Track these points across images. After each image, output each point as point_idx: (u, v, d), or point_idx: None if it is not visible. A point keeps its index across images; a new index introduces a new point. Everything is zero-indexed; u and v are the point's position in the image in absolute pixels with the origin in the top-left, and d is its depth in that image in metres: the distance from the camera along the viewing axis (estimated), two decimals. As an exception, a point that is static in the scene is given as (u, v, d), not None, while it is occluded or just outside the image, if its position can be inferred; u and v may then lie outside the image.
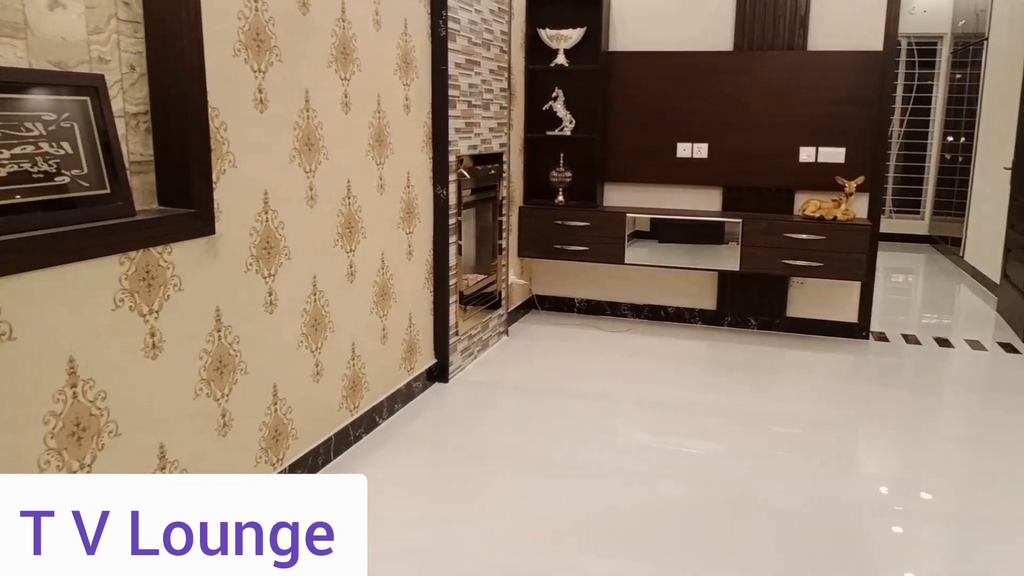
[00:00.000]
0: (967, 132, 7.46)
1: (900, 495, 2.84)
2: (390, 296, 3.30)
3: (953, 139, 7.95)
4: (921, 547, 2.50)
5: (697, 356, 4.47)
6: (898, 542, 2.50)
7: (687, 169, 4.83)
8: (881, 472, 3.11)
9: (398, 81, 3.25)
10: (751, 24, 4.60)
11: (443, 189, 3.63)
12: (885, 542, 2.48)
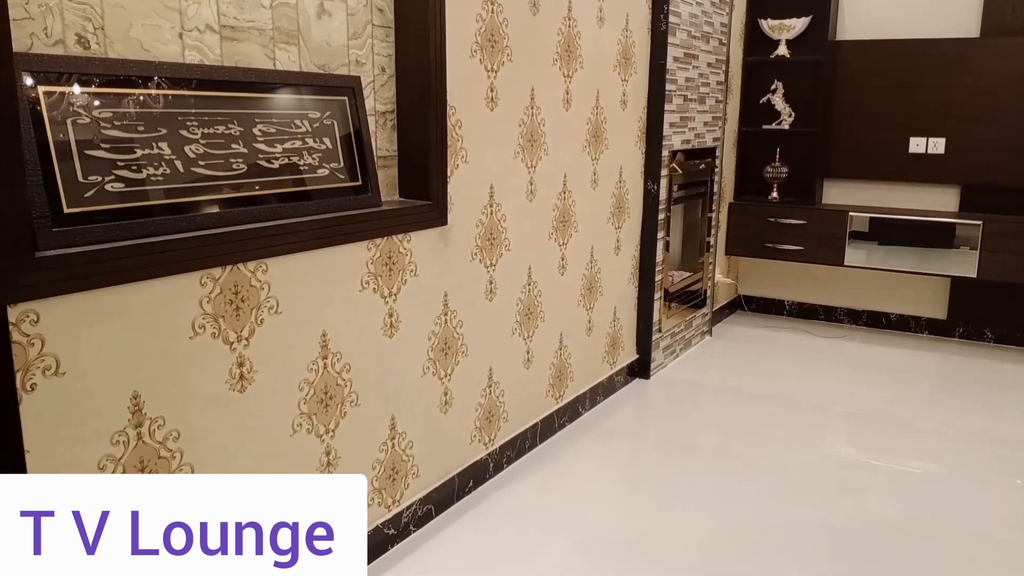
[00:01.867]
0: None
1: None
2: (597, 290, 3.35)
3: None
4: None
5: (921, 369, 4.13)
6: None
7: (920, 165, 4.46)
8: None
9: (617, 77, 3.28)
10: (1001, 8, 4.16)
11: (654, 184, 3.62)
12: None
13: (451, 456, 2.52)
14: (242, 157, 1.83)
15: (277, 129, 1.93)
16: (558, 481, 2.75)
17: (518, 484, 2.71)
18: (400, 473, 2.28)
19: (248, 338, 1.76)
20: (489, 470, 2.71)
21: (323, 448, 2.00)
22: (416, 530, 2.36)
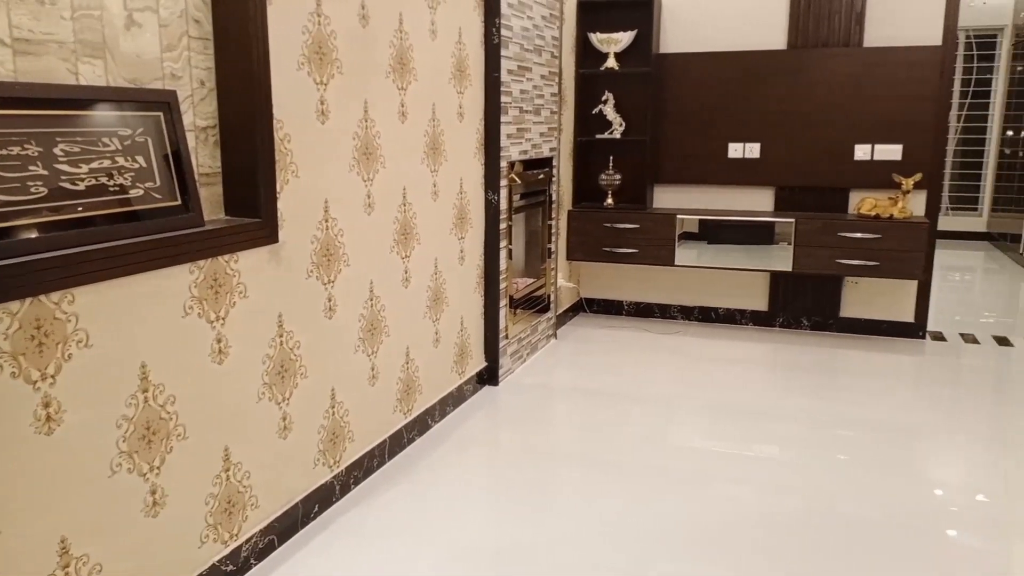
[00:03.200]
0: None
1: (966, 500, 2.79)
2: (443, 301, 3.35)
3: (1013, 133, 7.72)
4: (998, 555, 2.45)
5: (750, 358, 4.43)
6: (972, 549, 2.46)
7: (739, 169, 4.79)
8: (949, 477, 3.05)
9: (452, 89, 3.29)
10: (805, 21, 4.55)
11: (494, 195, 3.67)
12: (958, 549, 2.44)
13: (293, 482, 2.43)
14: (42, 179, 1.68)
15: (82, 148, 1.79)
16: (412, 496, 2.72)
17: (369, 504, 2.66)
18: (237, 505, 2.17)
19: (54, 376, 1.62)
20: (336, 493, 2.64)
21: (147, 487, 1.87)
22: (257, 563, 2.26)
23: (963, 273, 7.14)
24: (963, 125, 8.48)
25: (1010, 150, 7.80)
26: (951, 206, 8.62)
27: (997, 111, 8.25)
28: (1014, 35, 7.97)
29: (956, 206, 8.63)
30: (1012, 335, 4.79)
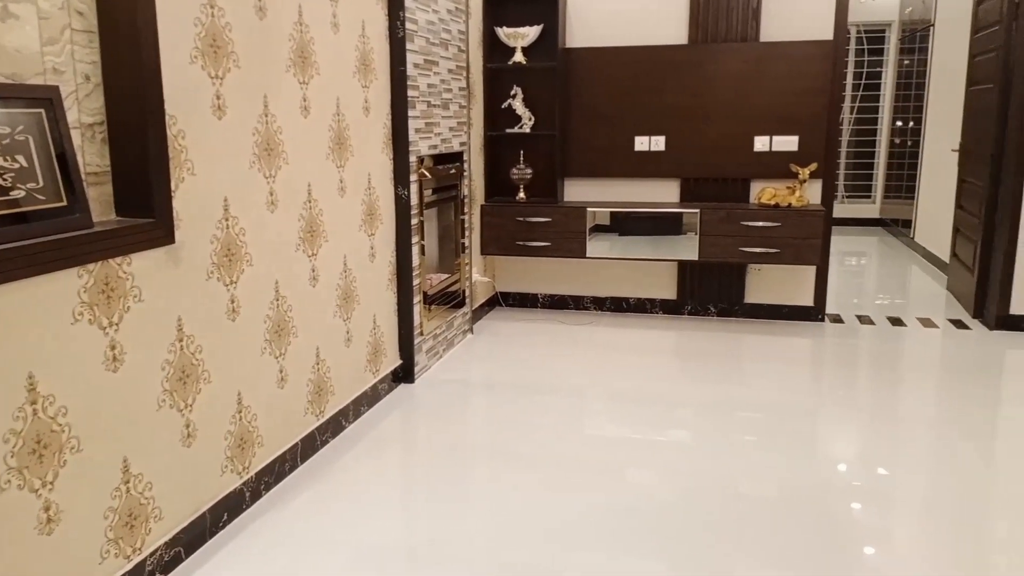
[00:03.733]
0: (915, 116, 7.66)
1: (867, 475, 2.93)
2: (353, 299, 3.30)
3: (902, 124, 8.15)
4: (890, 526, 2.59)
5: (661, 346, 4.53)
6: (868, 522, 2.58)
7: (645, 162, 4.89)
8: (849, 453, 3.19)
9: (357, 84, 3.24)
10: (704, 17, 4.67)
11: (404, 190, 3.63)
12: (857, 522, 2.56)
13: (200, 491, 2.35)
14: (-94, 181, 1.57)
15: (-48, 147, 1.68)
16: (326, 499, 2.68)
17: (281, 509, 2.60)
18: (139, 518, 2.09)
19: (-72, 391, 1.52)
20: (246, 500, 2.57)
21: (40, 504, 1.77)
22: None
23: (859, 257, 7.49)
24: (856, 117, 8.89)
25: (899, 140, 8.22)
26: (847, 194, 9.02)
27: (887, 103, 8.68)
28: (901, 30, 8.39)
29: (851, 194, 9.04)
30: (905, 315, 5.05)
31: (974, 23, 5.41)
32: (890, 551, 2.39)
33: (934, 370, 4.20)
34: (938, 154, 6.64)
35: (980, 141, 5.02)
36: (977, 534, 2.50)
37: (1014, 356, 4.30)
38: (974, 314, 4.94)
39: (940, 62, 6.87)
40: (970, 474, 2.91)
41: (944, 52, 6.72)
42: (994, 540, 2.48)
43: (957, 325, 4.82)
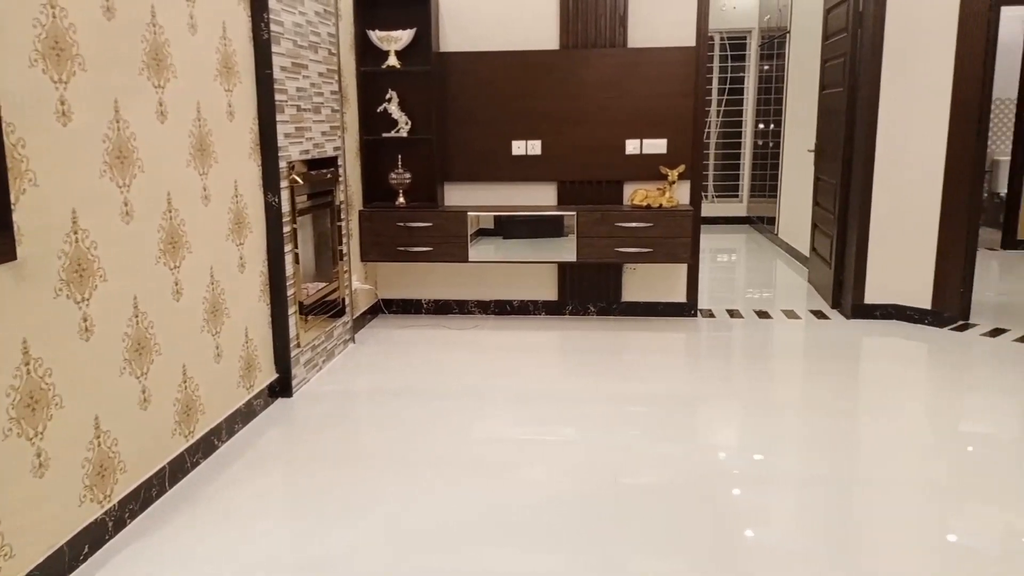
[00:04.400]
0: (775, 119, 8.10)
1: (745, 461, 3.06)
2: (222, 312, 3.17)
3: (764, 126, 8.59)
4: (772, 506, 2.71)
5: (545, 346, 4.59)
6: (748, 505, 2.69)
7: (523, 166, 4.94)
8: (727, 441, 3.33)
9: (219, 87, 3.11)
10: (574, 24, 4.77)
11: (275, 197, 3.52)
12: (738, 506, 2.67)
13: (56, 525, 2.19)
14: None
15: None
16: (202, 523, 2.55)
17: (150, 537, 2.46)
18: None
19: None
20: (109, 530, 2.41)
21: None
22: (15, 620, 2.01)
23: (729, 254, 7.85)
24: (723, 120, 9.31)
25: (762, 141, 8.67)
26: (716, 194, 9.44)
27: (750, 106, 9.14)
28: (760, 37, 8.86)
29: (720, 194, 9.46)
30: (771, 308, 5.33)
31: (824, 30, 5.77)
32: (769, 532, 2.50)
33: (798, 358, 4.45)
34: (796, 154, 7.05)
35: (832, 141, 5.36)
36: (848, 510, 2.66)
37: (869, 342, 4.61)
38: (832, 304, 5.26)
39: (796, 67, 7.29)
40: (837, 453, 3.09)
41: (799, 58, 7.14)
42: (864, 515, 2.64)
43: (817, 315, 5.12)
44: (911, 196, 4.76)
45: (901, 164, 4.75)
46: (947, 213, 4.66)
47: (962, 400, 3.77)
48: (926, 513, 2.64)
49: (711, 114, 9.21)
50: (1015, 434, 3.27)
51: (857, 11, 4.86)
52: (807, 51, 6.69)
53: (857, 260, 4.95)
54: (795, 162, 7.12)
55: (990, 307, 5.24)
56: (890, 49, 4.67)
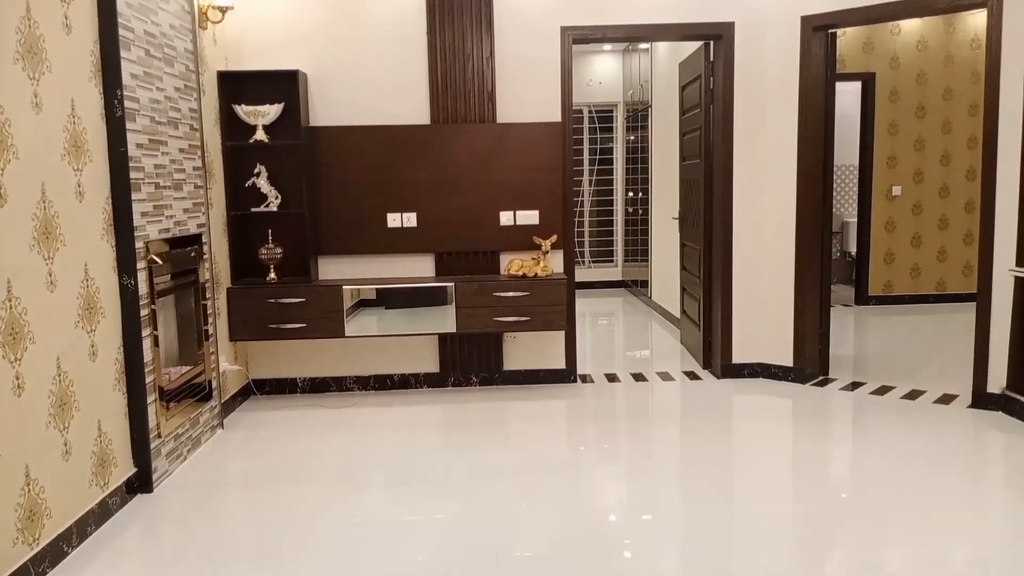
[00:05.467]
0: (643, 187, 8.47)
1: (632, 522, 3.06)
2: (71, 405, 2.93)
3: (633, 194, 8.97)
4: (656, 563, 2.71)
5: (427, 421, 4.51)
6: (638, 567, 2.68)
7: (399, 238, 4.92)
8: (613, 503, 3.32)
9: (68, 167, 2.94)
10: (444, 99, 4.85)
11: (131, 279, 3.33)
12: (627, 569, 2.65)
13: None
14: None
15: None
16: (34, 647, 2.29)
17: (-24, 667, 2.19)
18: None
19: None
20: (-73, 664, 2.13)
21: None
22: None
23: (606, 317, 8.05)
24: (595, 187, 9.65)
25: (632, 208, 9.03)
26: (592, 259, 9.71)
27: (619, 174, 9.53)
28: (626, 110, 9.32)
29: (596, 259, 9.74)
30: (646, 370, 5.46)
31: (680, 106, 6.13)
32: (642, 604, 2.49)
33: (675, 420, 4.56)
34: (663, 221, 7.37)
35: (694, 209, 5.64)
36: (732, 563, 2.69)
37: (739, 400, 4.79)
38: (704, 364, 5.45)
39: (658, 139, 7.69)
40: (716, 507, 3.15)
41: (660, 130, 7.54)
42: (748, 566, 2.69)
43: (690, 376, 5.29)
44: (768, 259, 5.04)
45: (756, 229, 5.05)
46: (800, 274, 4.96)
47: (827, 451, 3.95)
48: (806, 560, 2.71)
49: (584, 182, 9.54)
50: (878, 480, 3.45)
51: (708, 88, 5.19)
52: (667, 124, 7.07)
53: (723, 322, 5.17)
54: (662, 228, 7.44)
55: (848, 361, 5.57)
56: (740, 122, 5.00)
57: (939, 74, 7.42)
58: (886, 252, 7.67)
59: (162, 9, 3.68)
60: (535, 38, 4.87)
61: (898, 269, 7.69)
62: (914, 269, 7.68)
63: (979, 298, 4.34)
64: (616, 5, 4.87)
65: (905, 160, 7.53)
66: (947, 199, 7.58)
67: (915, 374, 5.14)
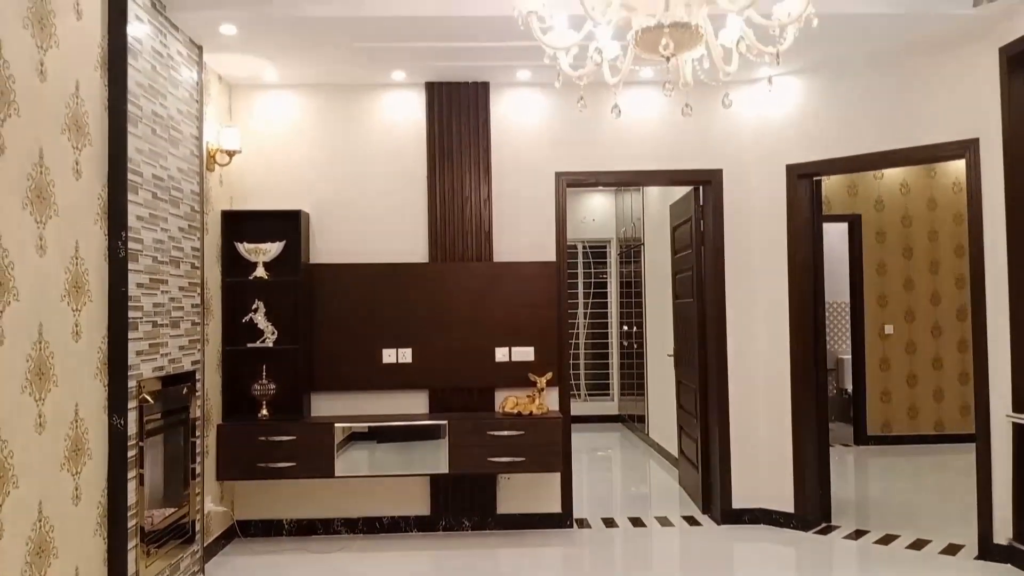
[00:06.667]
0: (637, 321, 8.53)
1: None
2: (49, 552, 2.82)
3: (627, 328, 9.02)
4: None
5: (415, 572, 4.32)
6: None
7: (394, 374, 4.91)
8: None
9: (67, 307, 2.97)
10: (443, 238, 4.97)
11: (121, 419, 3.28)
12: None
13: None
14: None
15: None
16: None
17: None
18: None
19: None
20: None
21: None
22: None
23: (602, 454, 7.90)
24: (590, 321, 9.73)
25: (627, 342, 9.06)
26: (588, 392, 9.65)
27: (614, 308, 9.63)
28: (619, 246, 9.53)
29: (592, 392, 9.68)
30: (644, 514, 5.30)
31: (673, 245, 6.27)
32: None
33: (675, 571, 4.38)
34: (658, 356, 7.38)
35: (688, 347, 5.66)
36: None
37: (740, 549, 4.63)
38: (703, 509, 5.31)
39: (651, 275, 7.82)
40: None
41: (654, 266, 7.68)
42: None
43: (690, 521, 5.13)
44: (764, 399, 5.01)
45: (751, 369, 5.05)
46: (797, 415, 4.92)
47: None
48: None
49: (579, 315, 9.62)
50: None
51: (699, 231, 5.33)
52: (660, 262, 7.21)
53: (721, 465, 5.07)
54: (658, 363, 7.44)
55: (850, 506, 5.43)
56: (731, 263, 5.10)
57: (923, 216, 7.65)
58: (882, 391, 7.65)
59: (171, 154, 3.82)
60: (531, 182, 5.05)
61: (896, 408, 7.64)
62: (911, 409, 7.63)
63: (978, 445, 4.29)
64: (608, 152, 5.08)
65: (895, 299, 7.64)
66: (940, 338, 7.63)
67: (919, 521, 5.00)
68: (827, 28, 3.57)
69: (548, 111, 5.08)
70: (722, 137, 5.10)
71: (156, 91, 3.64)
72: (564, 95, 4.99)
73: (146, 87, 3.52)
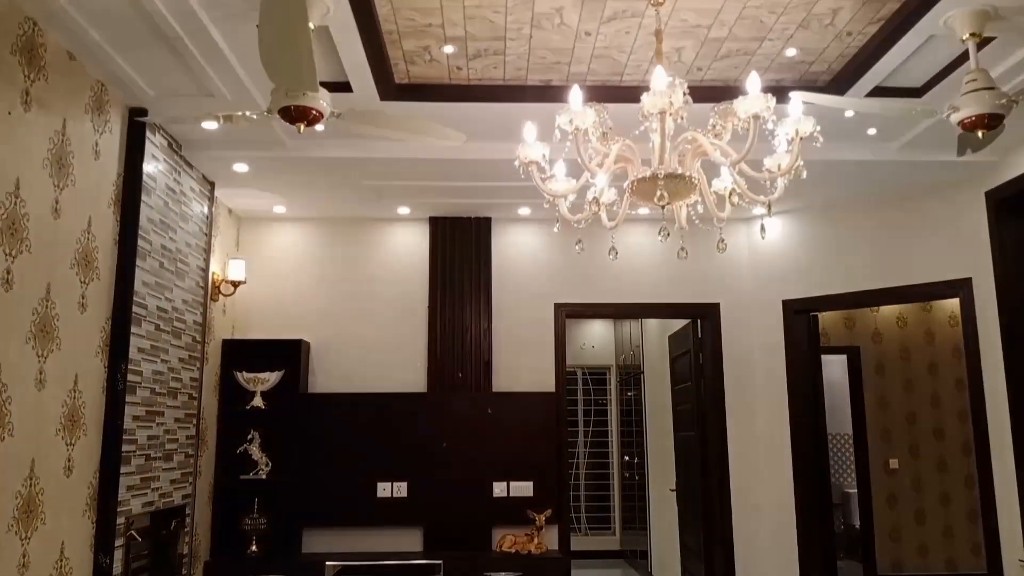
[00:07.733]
0: (638, 451, 8.38)
1: None
2: None
3: (629, 459, 8.85)
4: None
5: None
6: None
7: (388, 509, 4.78)
8: None
9: (61, 441, 2.93)
10: (441, 368, 4.97)
11: (107, 558, 3.18)
12: None
13: None
14: None
15: None
16: None
17: None
18: None
19: None
20: None
21: None
22: None
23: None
24: (590, 450, 9.55)
25: (628, 473, 8.86)
26: (589, 527, 9.35)
27: (615, 438, 9.47)
28: (618, 373, 9.49)
29: (593, 526, 9.38)
30: (647, 660, 5.03)
31: (672, 376, 6.26)
32: None
33: None
34: (660, 490, 7.20)
35: (690, 482, 5.54)
36: None
37: None
38: (710, 655, 5.05)
39: (652, 404, 7.75)
40: None
41: (654, 396, 7.62)
42: None
43: (696, 669, 4.87)
44: (770, 537, 4.86)
45: (756, 506, 4.93)
46: (805, 555, 4.76)
47: None
48: None
49: (579, 443, 9.46)
50: None
51: (698, 363, 5.34)
52: (660, 391, 7.16)
53: (728, 606, 4.86)
54: (661, 497, 7.25)
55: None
56: (731, 395, 5.08)
57: (922, 349, 7.66)
58: (891, 528, 7.42)
59: (177, 286, 3.88)
60: (530, 312, 5.10)
61: (905, 547, 7.39)
62: (921, 547, 7.37)
63: (994, 589, 4.13)
64: (606, 285, 5.16)
65: (899, 433, 7.54)
66: (946, 473, 7.48)
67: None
68: (817, 173, 3.72)
69: (548, 244, 5.20)
70: (719, 272, 5.19)
71: (167, 225, 3.74)
72: (563, 229, 5.10)
73: (157, 222, 3.62)
